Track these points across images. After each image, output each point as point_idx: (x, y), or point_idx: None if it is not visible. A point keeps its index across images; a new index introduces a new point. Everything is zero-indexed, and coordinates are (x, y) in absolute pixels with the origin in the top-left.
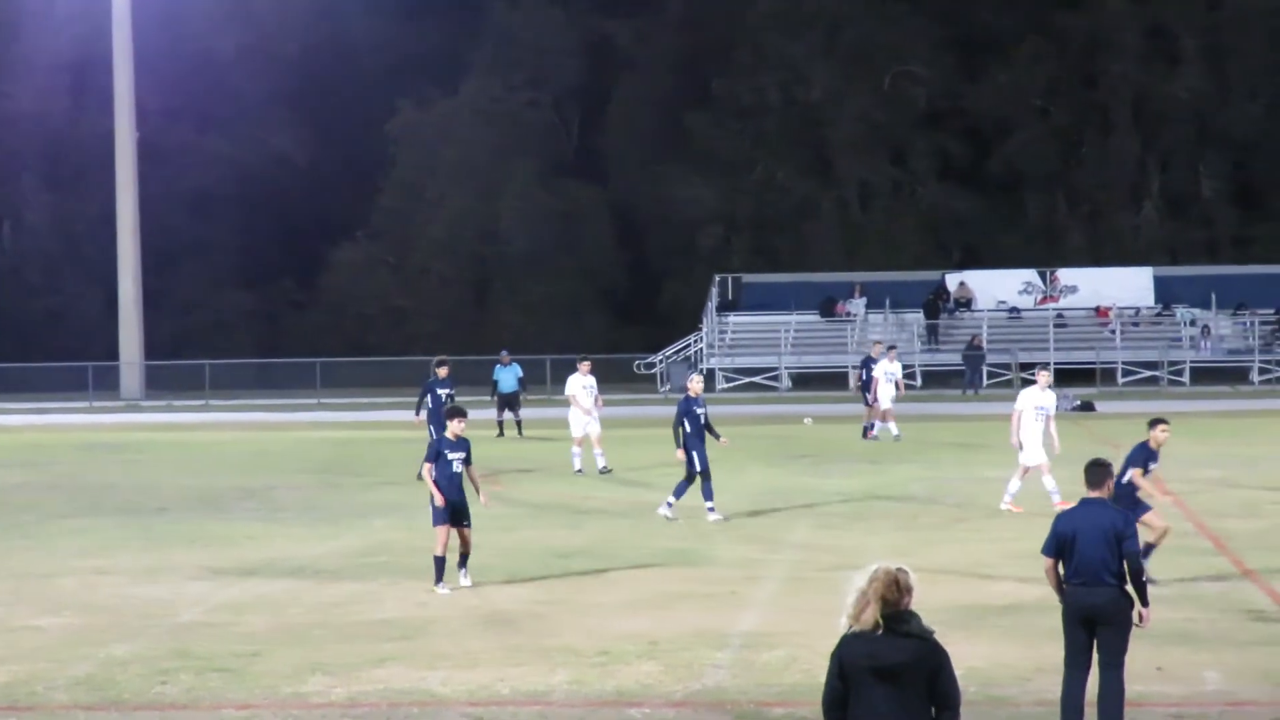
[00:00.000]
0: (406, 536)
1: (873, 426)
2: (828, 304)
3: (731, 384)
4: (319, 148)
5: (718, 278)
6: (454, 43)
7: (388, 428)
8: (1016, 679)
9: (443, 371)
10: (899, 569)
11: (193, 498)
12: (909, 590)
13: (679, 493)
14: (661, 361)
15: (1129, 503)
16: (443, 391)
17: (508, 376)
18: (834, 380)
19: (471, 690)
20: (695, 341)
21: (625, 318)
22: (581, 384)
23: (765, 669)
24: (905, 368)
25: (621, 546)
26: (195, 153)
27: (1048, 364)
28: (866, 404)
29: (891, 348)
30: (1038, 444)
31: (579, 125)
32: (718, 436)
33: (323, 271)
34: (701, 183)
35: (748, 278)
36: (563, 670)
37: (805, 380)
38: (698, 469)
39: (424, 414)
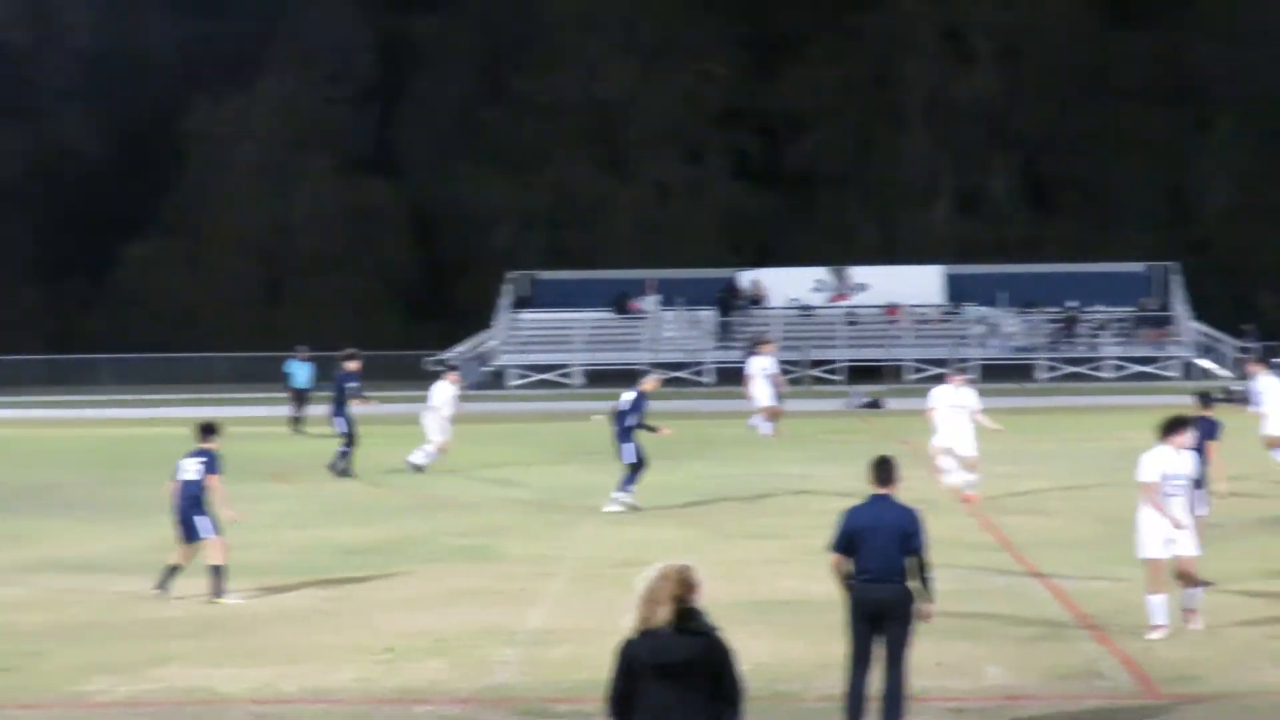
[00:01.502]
0: None
1: (758, 421)
2: (621, 301)
3: (523, 380)
4: (113, 142)
5: (511, 274)
6: (250, 38)
7: (177, 424)
8: (802, 674)
9: (352, 365)
10: (686, 566)
11: None
12: (696, 587)
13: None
14: (453, 358)
15: None
16: (350, 386)
17: (302, 372)
18: (627, 377)
19: (256, 688)
20: (488, 338)
21: (419, 314)
22: (453, 393)
23: (552, 666)
24: (696, 366)
25: (411, 544)
26: None
27: (964, 367)
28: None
29: (767, 343)
30: (965, 436)
31: (376, 122)
32: (654, 430)
33: (115, 268)
34: (497, 180)
35: (541, 275)
36: (349, 668)
37: (599, 377)
38: (636, 460)
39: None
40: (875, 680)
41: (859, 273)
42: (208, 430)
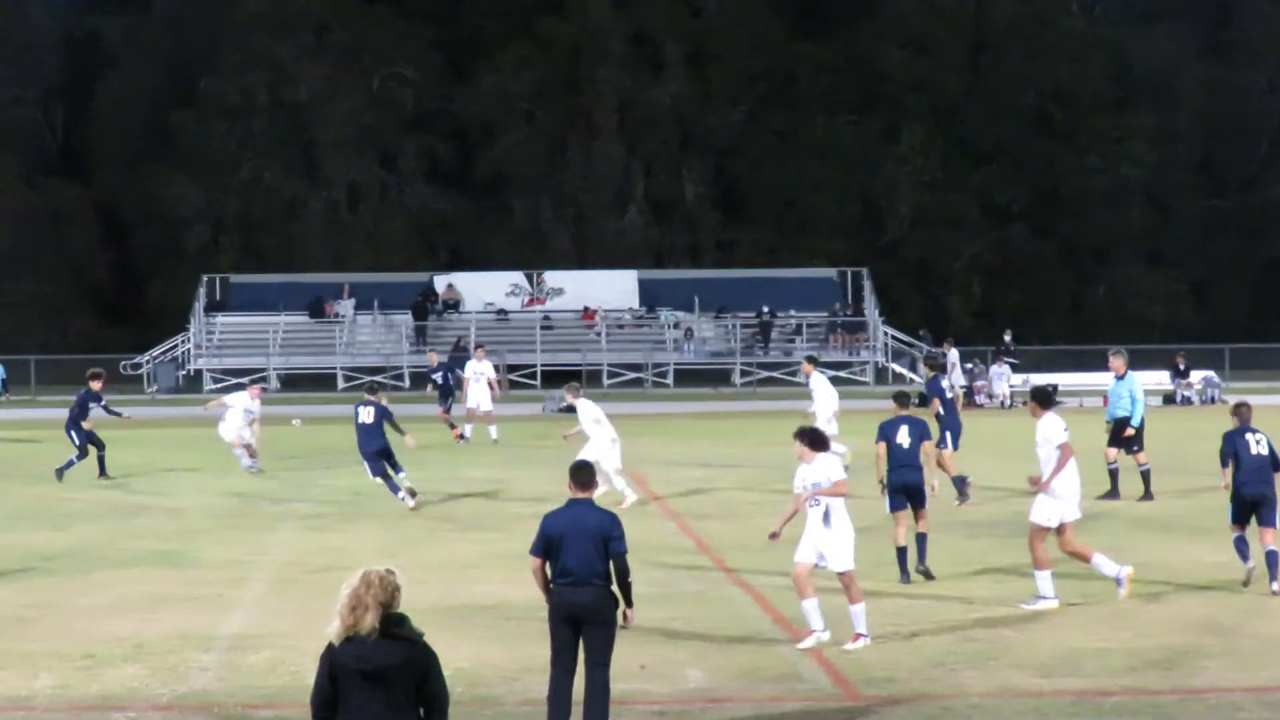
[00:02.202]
0: None
1: (456, 427)
2: (316, 305)
3: (220, 385)
4: None
5: (205, 277)
6: None
7: None
8: (503, 679)
9: (96, 384)
10: (388, 570)
11: None
12: (398, 591)
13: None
14: (148, 362)
15: None
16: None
17: None
18: (323, 381)
19: None
20: (183, 342)
21: (111, 318)
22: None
23: (251, 671)
24: (394, 369)
25: (106, 549)
26: None
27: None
28: (445, 409)
29: (480, 347)
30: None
31: (63, 123)
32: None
33: None
34: (188, 182)
35: (235, 278)
36: (46, 674)
37: (294, 381)
38: None
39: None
40: (578, 684)
41: (554, 277)
42: None
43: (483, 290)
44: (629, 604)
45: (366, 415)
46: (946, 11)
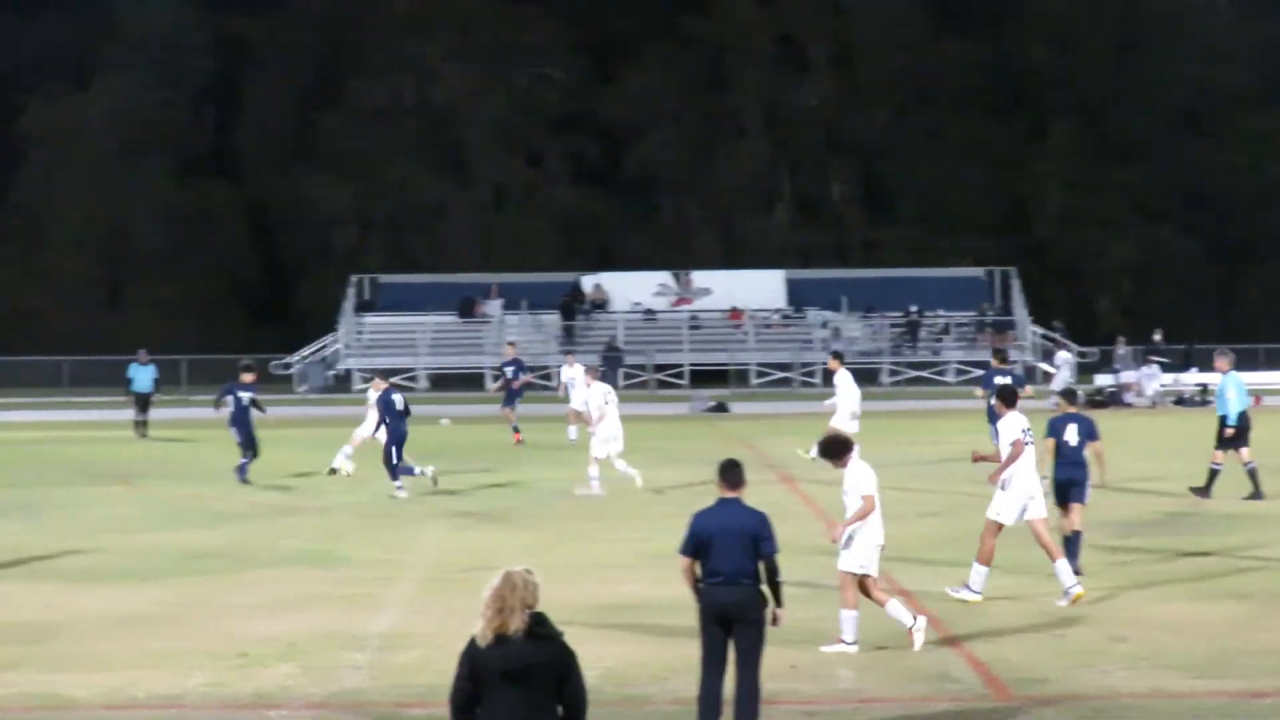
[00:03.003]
0: (39, 539)
1: (519, 431)
2: (466, 305)
3: (369, 384)
4: None
5: (354, 278)
6: (83, 39)
7: (15, 429)
8: (653, 678)
9: (248, 377)
10: (528, 570)
11: None
12: (538, 590)
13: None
14: (298, 362)
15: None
16: (245, 395)
17: (144, 376)
18: (472, 381)
19: (105, 693)
20: (332, 342)
21: (261, 318)
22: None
23: (402, 670)
24: (542, 369)
25: (257, 548)
26: None
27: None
28: (510, 408)
29: (569, 353)
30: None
31: (214, 123)
32: None
33: None
34: (336, 182)
35: (384, 278)
36: (199, 673)
37: (443, 381)
38: None
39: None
40: (728, 683)
41: (701, 277)
42: None
43: (630, 290)
44: (779, 604)
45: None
46: (1092, 9)
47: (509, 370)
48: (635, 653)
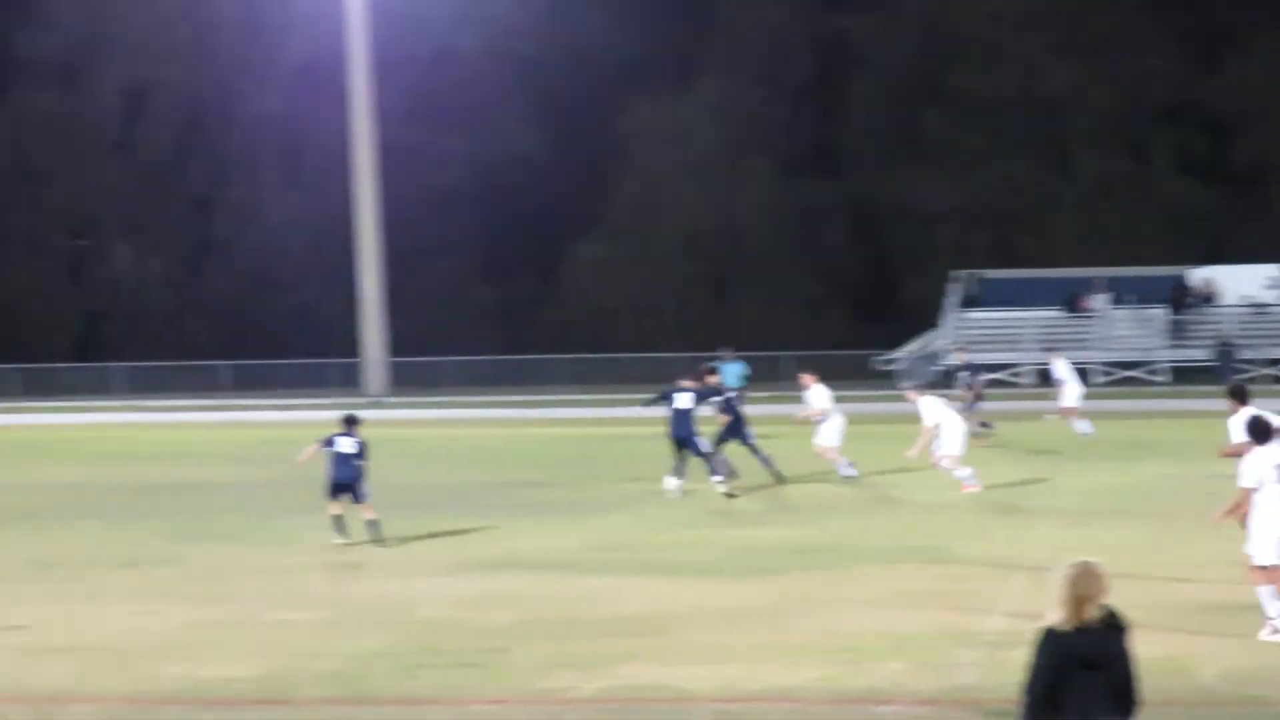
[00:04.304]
0: (645, 533)
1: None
2: (1072, 299)
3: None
4: (556, 145)
5: (958, 274)
6: (687, 40)
7: (626, 424)
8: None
9: (712, 380)
10: (1098, 562)
11: (436, 494)
12: (1108, 581)
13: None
14: (901, 359)
15: None
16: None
17: (730, 372)
18: (1079, 377)
19: (719, 686)
20: (935, 338)
21: (863, 315)
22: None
23: (1017, 668)
24: (1149, 365)
25: (864, 543)
26: (433, 151)
27: None
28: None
29: (1052, 349)
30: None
31: (814, 122)
32: None
33: (562, 268)
34: (939, 178)
35: (988, 273)
36: (810, 667)
37: (1046, 377)
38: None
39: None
40: None
41: None
42: None
43: (1240, 284)
44: None
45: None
46: None
47: (964, 375)
48: (1258, 651)
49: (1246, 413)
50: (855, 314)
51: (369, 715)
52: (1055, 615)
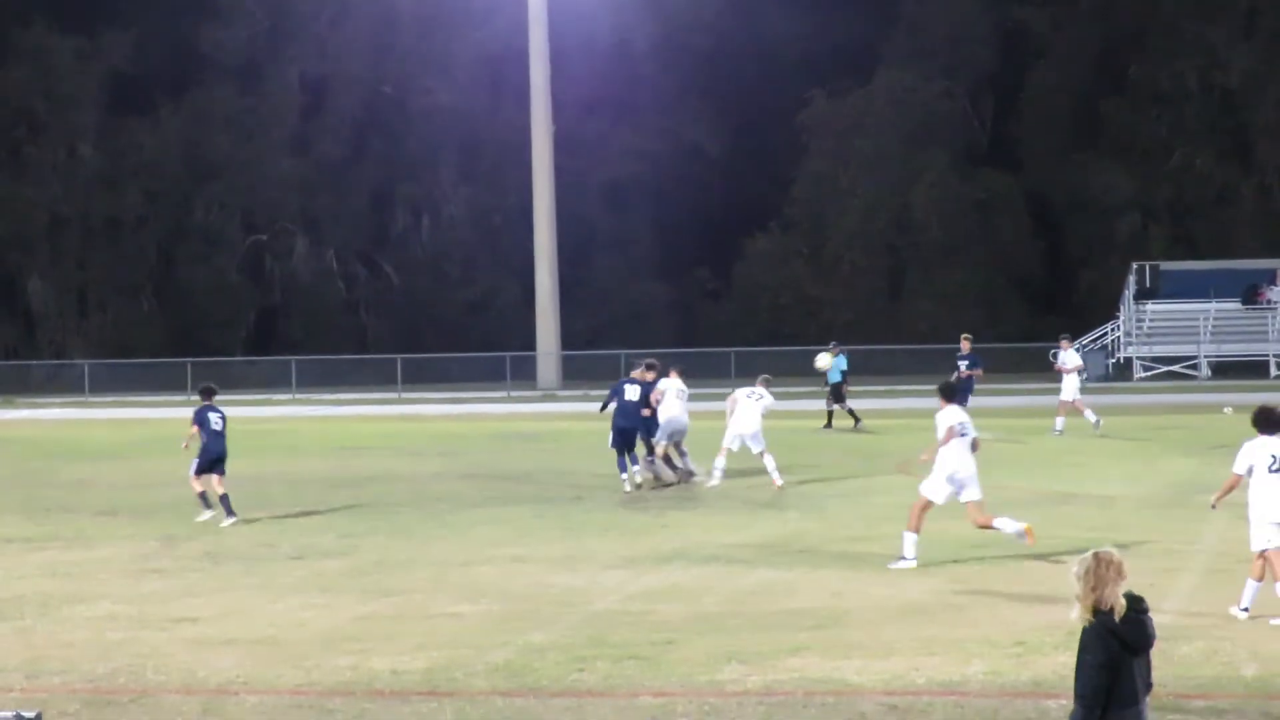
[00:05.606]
0: (820, 526)
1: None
2: (1250, 291)
3: (1149, 373)
4: (731, 138)
5: (1135, 266)
6: (866, 33)
7: (801, 417)
8: None
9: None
10: (1112, 550)
11: (608, 487)
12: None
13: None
14: (1079, 350)
15: None
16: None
17: (835, 365)
18: (1255, 369)
19: (886, 680)
20: (1112, 330)
21: (1041, 307)
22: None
23: (1184, 661)
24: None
25: (1036, 538)
26: (609, 144)
27: None
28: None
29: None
30: None
31: (992, 114)
32: None
33: (737, 261)
34: (1118, 170)
35: (1165, 265)
36: (978, 660)
37: (1224, 369)
38: None
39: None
40: None
41: None
42: None
43: None
44: None
45: (632, 393)
46: None
47: (963, 364)
48: None
49: (951, 409)
50: (1031, 306)
51: (536, 707)
52: (1078, 608)
